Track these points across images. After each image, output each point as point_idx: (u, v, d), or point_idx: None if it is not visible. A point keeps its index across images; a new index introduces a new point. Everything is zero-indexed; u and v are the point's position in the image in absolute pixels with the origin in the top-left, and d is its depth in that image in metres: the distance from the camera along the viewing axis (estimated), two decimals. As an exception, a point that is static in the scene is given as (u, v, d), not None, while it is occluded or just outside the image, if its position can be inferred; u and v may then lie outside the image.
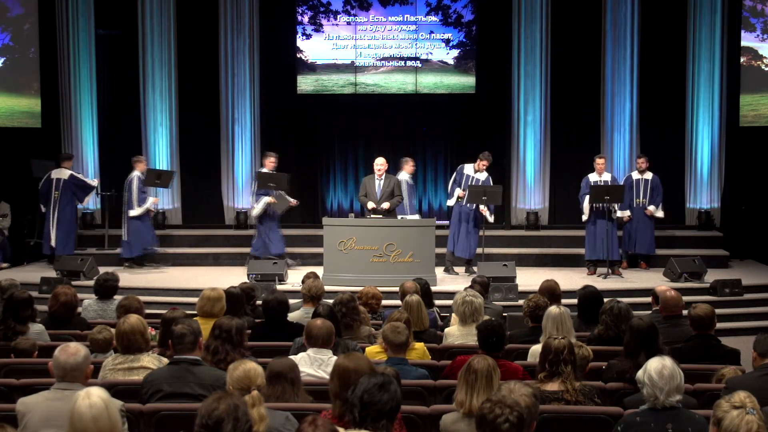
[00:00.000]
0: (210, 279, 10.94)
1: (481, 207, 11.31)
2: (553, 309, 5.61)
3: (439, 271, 11.15)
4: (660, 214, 12.01)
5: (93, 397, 3.53)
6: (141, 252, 12.05)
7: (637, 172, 12.10)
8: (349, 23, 14.15)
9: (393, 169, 11.64)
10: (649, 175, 12.03)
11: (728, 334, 8.89)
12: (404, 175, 11.70)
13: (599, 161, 11.83)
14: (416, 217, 11.28)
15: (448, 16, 14.03)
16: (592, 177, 11.73)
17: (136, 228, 11.93)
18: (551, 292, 6.94)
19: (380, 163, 11.19)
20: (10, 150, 13.70)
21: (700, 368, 5.34)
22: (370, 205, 11.07)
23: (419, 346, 5.86)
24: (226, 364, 4.55)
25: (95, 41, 13.71)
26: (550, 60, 13.54)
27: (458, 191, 11.54)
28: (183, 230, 13.59)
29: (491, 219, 11.53)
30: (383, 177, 11.15)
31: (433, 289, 8.73)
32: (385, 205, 10.92)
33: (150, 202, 12.15)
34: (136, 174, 12.05)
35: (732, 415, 3.29)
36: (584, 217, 11.69)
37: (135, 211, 11.92)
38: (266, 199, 11.61)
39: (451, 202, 11.81)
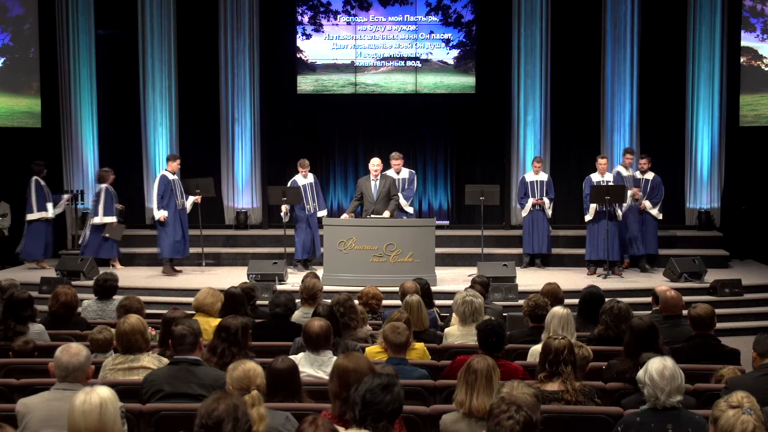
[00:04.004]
0: (210, 279, 10.94)
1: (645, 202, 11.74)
2: (559, 309, 5.63)
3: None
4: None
5: (92, 394, 3.52)
6: (308, 255, 11.91)
7: (623, 167, 12.03)
8: (349, 23, 14.15)
9: (387, 167, 11.64)
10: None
11: (728, 334, 8.92)
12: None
13: (601, 161, 11.79)
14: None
15: (448, 16, 14.02)
16: (595, 177, 11.71)
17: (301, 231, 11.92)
18: (554, 295, 6.91)
19: (376, 164, 11.15)
20: (10, 150, 13.69)
21: (700, 368, 5.34)
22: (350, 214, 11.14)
23: (419, 346, 5.86)
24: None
25: (95, 41, 13.71)
26: (550, 60, 13.53)
27: (633, 190, 11.72)
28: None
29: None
30: (378, 177, 11.11)
31: (433, 289, 8.73)
32: (386, 215, 10.83)
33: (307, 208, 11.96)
34: (308, 178, 11.97)
35: (728, 414, 3.29)
36: (588, 217, 11.68)
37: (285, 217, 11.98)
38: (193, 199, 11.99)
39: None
